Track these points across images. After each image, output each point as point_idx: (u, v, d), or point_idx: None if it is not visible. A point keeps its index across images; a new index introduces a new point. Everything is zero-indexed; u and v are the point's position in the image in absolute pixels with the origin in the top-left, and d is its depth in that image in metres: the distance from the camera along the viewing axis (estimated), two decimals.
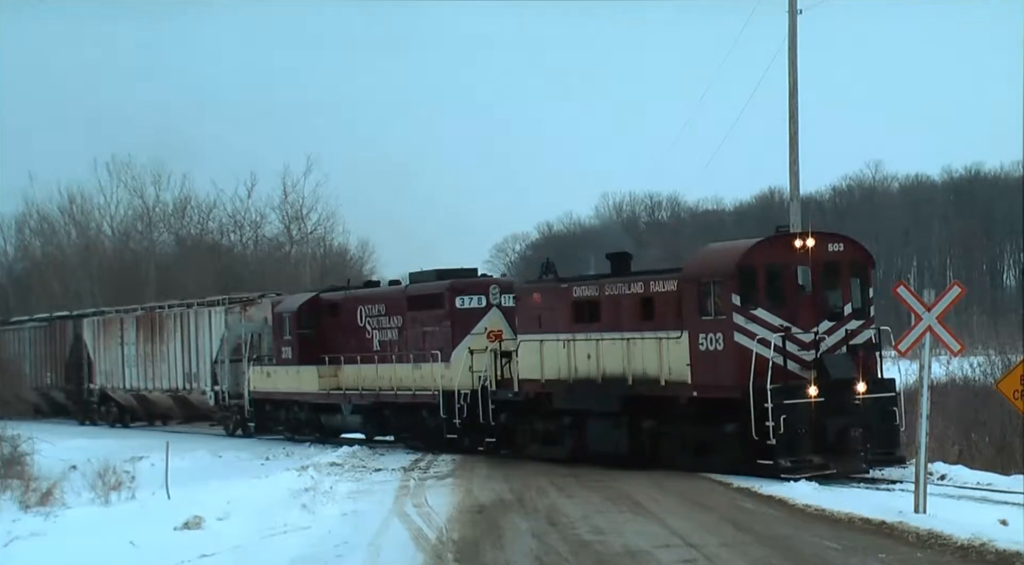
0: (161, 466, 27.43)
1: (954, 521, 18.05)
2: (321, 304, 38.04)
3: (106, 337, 52.03)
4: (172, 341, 46.67)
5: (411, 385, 33.72)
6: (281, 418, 39.94)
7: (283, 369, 38.78)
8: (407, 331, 34.48)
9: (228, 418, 43.64)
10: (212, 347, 44.11)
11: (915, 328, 19.71)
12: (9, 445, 30.20)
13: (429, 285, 34.12)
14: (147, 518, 22.52)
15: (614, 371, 27.10)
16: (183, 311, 46.75)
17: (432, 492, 25.04)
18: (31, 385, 57.38)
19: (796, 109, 36.13)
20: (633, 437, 26.70)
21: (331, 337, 37.27)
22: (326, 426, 38.23)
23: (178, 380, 46.32)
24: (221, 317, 43.74)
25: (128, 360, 49.86)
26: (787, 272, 24.64)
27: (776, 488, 22.58)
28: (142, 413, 51.42)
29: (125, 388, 50.45)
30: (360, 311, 36.30)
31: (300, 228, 75.90)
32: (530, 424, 29.81)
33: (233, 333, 42.91)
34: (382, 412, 35.39)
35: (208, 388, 44.12)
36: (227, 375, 42.85)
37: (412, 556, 17.99)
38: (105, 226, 79.46)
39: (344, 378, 36.57)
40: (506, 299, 32.55)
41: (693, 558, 16.72)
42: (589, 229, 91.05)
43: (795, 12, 36.16)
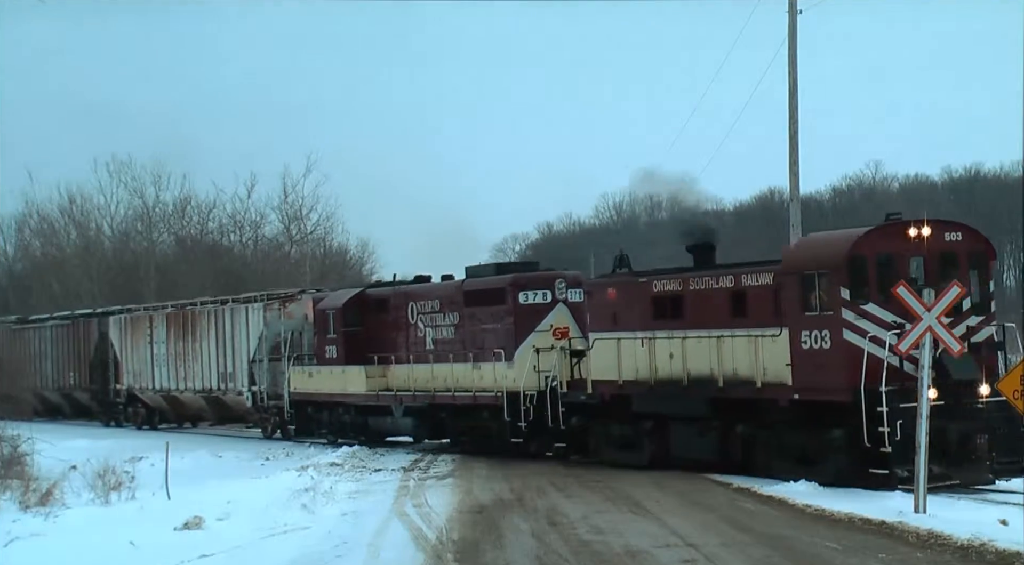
0: (161, 466, 27.43)
1: (954, 521, 18.06)
2: (368, 300, 36.24)
3: (134, 335, 49.87)
4: (206, 340, 44.56)
5: (470, 386, 31.79)
6: (323, 420, 37.97)
7: (327, 369, 36.94)
8: (464, 329, 32.61)
9: (266, 420, 41.58)
10: (249, 346, 41.94)
11: (915, 328, 19.72)
12: (9, 445, 30.18)
13: (489, 280, 32.26)
14: (147, 518, 22.53)
15: (701, 372, 25.31)
16: (217, 308, 44.47)
17: (432, 492, 25.04)
18: (52, 385, 55.88)
19: (796, 109, 36.14)
20: (723, 443, 24.98)
21: (379, 335, 35.43)
22: (373, 429, 36.30)
23: (212, 380, 44.20)
24: (259, 314, 41.55)
25: (158, 359, 47.73)
26: (900, 263, 22.36)
27: (776, 488, 22.59)
28: (171, 415, 49.29)
29: (154, 389, 48.34)
30: (411, 308, 34.41)
31: (300, 228, 75.91)
32: (605, 428, 28.00)
33: (272, 331, 40.86)
34: (437, 414, 33.53)
35: (245, 389, 42.04)
36: (265, 375, 40.87)
37: (412, 556, 17.99)
38: (105, 226, 79.50)
39: (394, 378, 34.75)
40: (572, 294, 30.82)
41: (693, 558, 16.72)
42: (589, 229, 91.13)
43: (795, 12, 36.18)
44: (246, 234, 78.41)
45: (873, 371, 21.47)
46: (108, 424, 51.92)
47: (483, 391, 31.23)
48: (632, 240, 71.41)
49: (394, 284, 36.51)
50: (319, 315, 37.34)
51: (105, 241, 79.22)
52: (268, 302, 41.55)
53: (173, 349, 46.53)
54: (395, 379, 34.64)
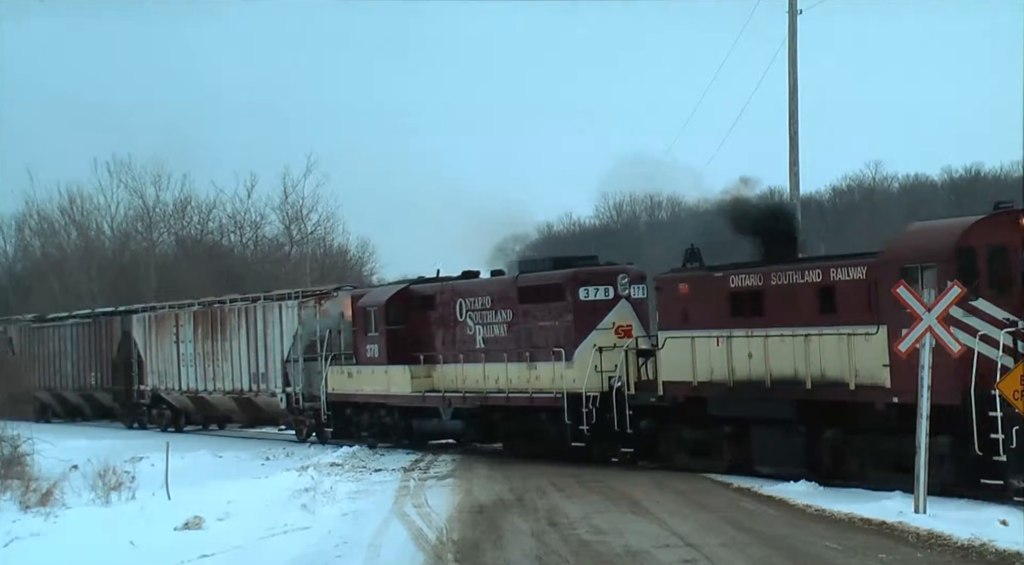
0: (161, 466, 27.43)
1: (954, 521, 18.08)
2: (412, 297, 34.40)
3: (159, 334, 47.84)
4: (236, 338, 42.47)
5: (526, 387, 29.97)
6: (363, 423, 36.09)
7: (368, 369, 35.14)
8: (519, 326, 30.71)
9: (301, 423, 39.57)
10: (283, 345, 39.97)
11: (915, 328, 19.71)
12: (9, 445, 30.19)
13: (546, 275, 30.23)
14: (147, 518, 22.54)
15: (785, 372, 23.62)
16: (249, 306, 42.38)
17: (432, 492, 25.05)
18: (73, 386, 54.42)
19: (796, 109, 36.19)
20: (810, 449, 23.27)
21: (424, 334, 33.72)
22: (417, 431, 34.55)
23: (243, 381, 42.13)
24: (294, 312, 39.54)
25: (184, 359, 45.74)
26: (1012, 256, 20.74)
27: (776, 488, 22.60)
28: (198, 416, 47.55)
29: (180, 389, 46.37)
30: (459, 304, 32.54)
31: (300, 228, 75.98)
32: (677, 432, 26.31)
33: (307, 330, 38.90)
34: (488, 417, 31.69)
35: (279, 390, 39.96)
36: (300, 376, 38.92)
37: (412, 556, 18.00)
38: (105, 226, 79.59)
39: (441, 379, 32.97)
40: (636, 290, 29.16)
41: (693, 558, 16.72)
42: (588, 229, 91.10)
43: (795, 12, 36.21)
44: (246, 234, 78.53)
45: (984, 373, 19.89)
46: (131, 426, 50.24)
47: (540, 392, 29.55)
48: (632, 240, 71.40)
49: (440, 280, 34.53)
50: (359, 312, 35.61)
51: (105, 241, 79.29)
52: (303, 299, 39.65)
53: (201, 348, 44.69)
54: (442, 379, 33.01)
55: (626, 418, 27.20)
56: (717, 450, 25.36)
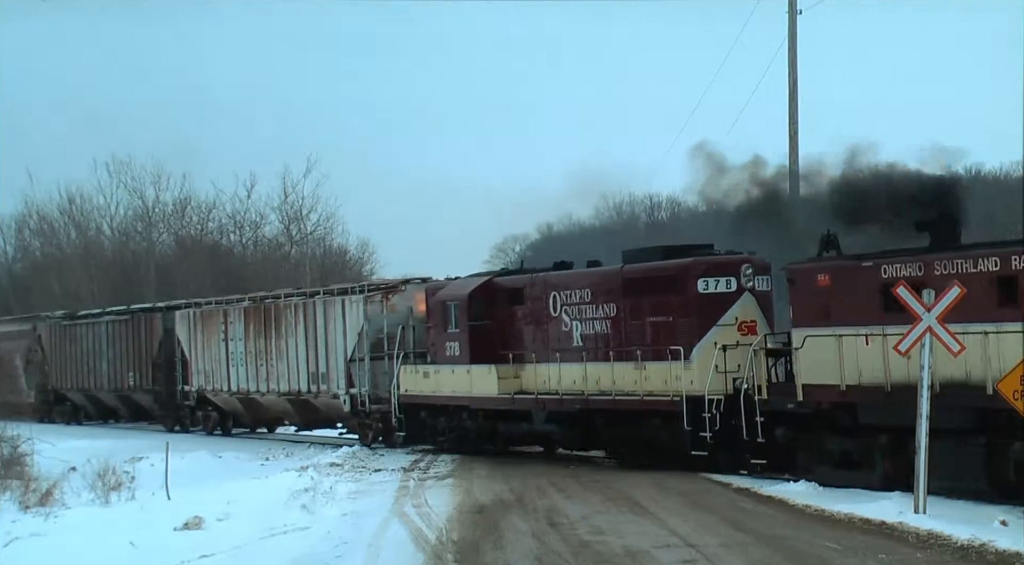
0: (161, 466, 27.46)
1: (954, 521, 18.06)
2: (497, 290, 31.58)
3: (205, 332, 44.87)
4: (293, 336, 39.68)
5: (634, 389, 27.05)
6: (440, 426, 33.25)
7: (447, 368, 32.34)
8: (625, 322, 27.81)
9: (366, 426, 36.65)
10: (347, 343, 37.04)
11: (915, 328, 19.70)
12: (9, 445, 30.22)
13: (658, 265, 27.38)
14: (147, 518, 22.57)
15: (954, 375, 20.55)
16: (307, 301, 39.53)
17: (432, 492, 25.05)
18: (109, 386, 51.38)
19: (796, 109, 36.27)
20: (990, 464, 20.17)
21: (511, 330, 30.94)
22: (504, 436, 31.76)
23: (300, 381, 39.32)
24: (359, 307, 36.62)
25: (234, 358, 42.84)
26: None
27: (776, 488, 22.61)
28: (247, 419, 44.85)
29: (229, 390, 43.43)
30: (553, 298, 29.64)
31: (300, 228, 76.01)
32: (820, 442, 23.17)
33: (373, 326, 36.04)
34: (590, 421, 28.60)
35: (342, 391, 37.08)
36: (367, 376, 36.14)
37: (412, 556, 18.00)
38: (105, 226, 79.65)
39: (531, 379, 30.06)
40: (760, 281, 26.38)
41: (693, 558, 16.72)
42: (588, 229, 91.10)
43: (795, 12, 36.28)
44: (246, 234, 78.56)
45: None
46: (172, 429, 47.26)
47: (652, 395, 26.68)
48: (632, 240, 71.37)
49: (528, 271, 31.73)
50: (437, 307, 32.84)
51: (105, 241, 79.34)
52: (369, 294, 36.71)
53: (253, 347, 41.78)
54: (533, 380, 30.05)
55: (756, 425, 24.19)
56: (869, 462, 22.36)
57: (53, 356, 55.25)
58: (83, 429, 50.97)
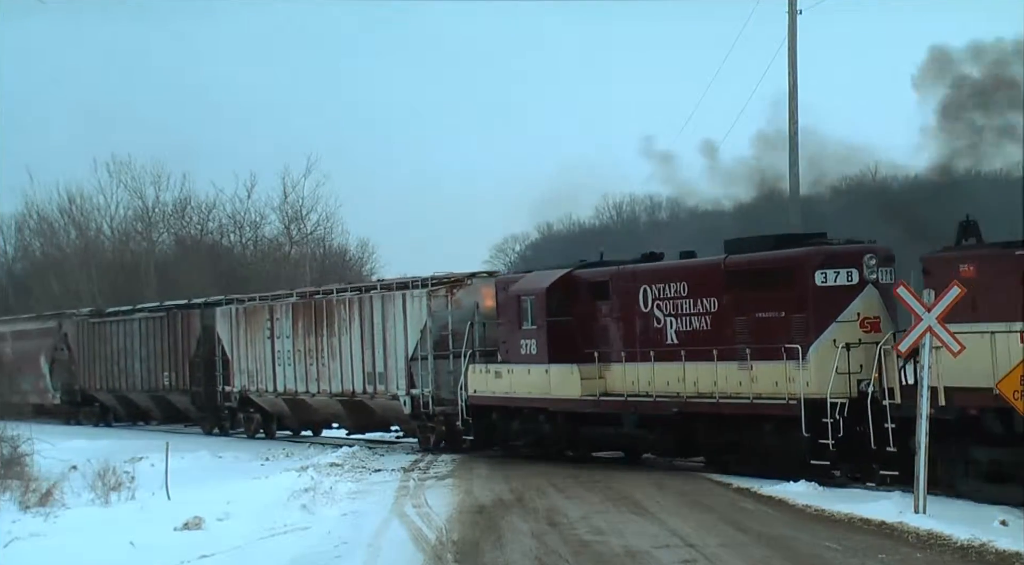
0: (161, 466, 27.46)
1: (954, 521, 18.06)
2: (579, 283, 29.14)
3: (249, 329, 42.14)
4: (346, 334, 37.16)
5: (739, 391, 24.89)
6: (513, 430, 30.91)
7: (522, 368, 29.89)
8: (728, 318, 25.47)
9: (428, 429, 34.30)
10: (407, 341, 34.61)
11: (915, 328, 19.70)
12: (9, 445, 30.22)
13: (769, 255, 25.03)
14: (147, 518, 22.56)
15: None
16: (362, 297, 36.96)
17: (432, 492, 25.05)
18: (142, 387, 49.00)
19: (796, 109, 36.26)
20: None
21: (594, 326, 28.57)
22: (586, 441, 29.40)
23: (355, 382, 36.80)
24: (422, 302, 34.23)
25: (281, 357, 40.25)
26: None
27: (776, 488, 22.59)
28: (293, 421, 42.27)
29: (275, 391, 40.78)
30: (643, 292, 27.20)
31: (300, 228, 76.05)
32: (965, 452, 20.72)
33: (437, 323, 33.74)
34: (689, 426, 26.25)
35: (402, 392, 34.73)
36: (429, 376, 33.78)
37: (412, 556, 18.00)
38: (105, 226, 79.70)
39: (618, 380, 27.73)
40: (884, 274, 23.86)
41: (693, 558, 16.72)
42: (589, 229, 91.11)
43: (795, 12, 36.28)
44: (246, 234, 78.62)
45: None
46: (210, 432, 45.22)
47: (762, 398, 24.43)
48: (633, 240, 71.38)
49: (613, 263, 29.27)
50: (510, 301, 30.45)
51: (105, 241, 79.40)
52: (432, 288, 34.27)
53: (302, 345, 39.22)
54: (620, 381, 27.70)
55: (888, 432, 21.74)
56: None
57: (81, 355, 52.96)
58: (87, 430, 50.40)
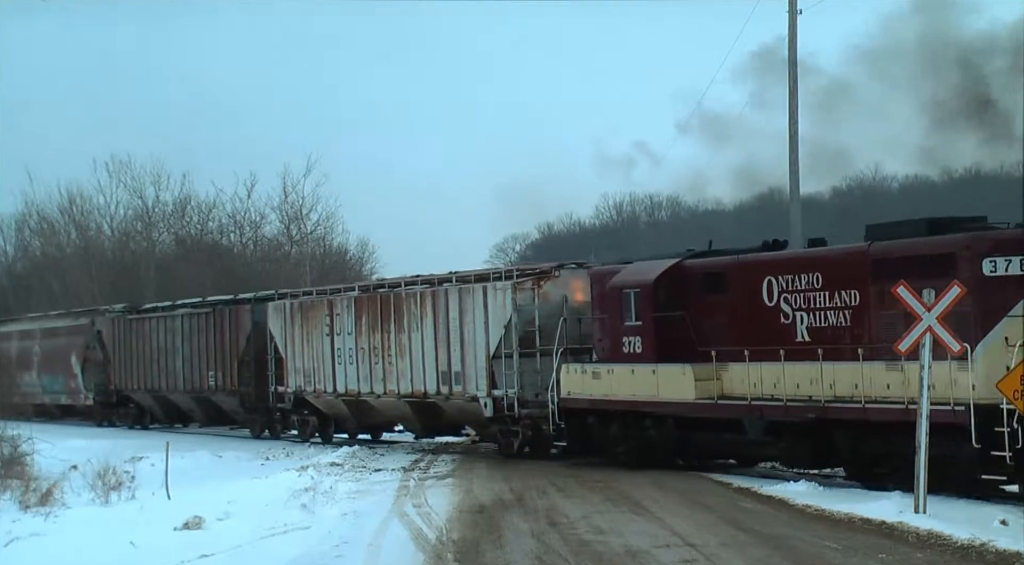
0: (161, 466, 27.47)
1: (954, 521, 18.05)
2: (689, 275, 26.50)
3: (305, 325, 39.24)
4: (418, 330, 34.35)
5: (887, 395, 22.00)
6: (612, 436, 27.92)
7: (624, 368, 27.16)
8: (872, 313, 22.70)
9: (512, 433, 31.51)
10: (489, 338, 31.92)
11: (915, 328, 19.69)
12: (9, 445, 30.24)
13: (923, 242, 22.22)
14: (147, 518, 22.57)
15: None
16: (436, 290, 34.06)
17: (432, 492, 25.05)
18: (185, 387, 46.21)
19: (796, 109, 36.24)
20: None
21: (709, 322, 25.88)
22: (699, 448, 26.74)
23: (428, 382, 33.93)
24: (506, 296, 31.55)
25: (341, 356, 37.36)
26: None
27: (776, 488, 22.60)
28: (353, 425, 39.22)
29: (335, 392, 37.90)
30: (768, 284, 24.48)
31: (300, 228, 76.09)
32: None
33: (523, 318, 31.10)
34: (826, 433, 23.22)
35: (483, 394, 31.96)
36: (515, 376, 31.14)
37: (412, 556, 17.99)
38: (105, 226, 79.78)
39: (736, 382, 25.00)
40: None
41: (693, 558, 16.72)
42: (589, 229, 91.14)
43: (795, 12, 36.27)
44: (246, 234, 78.66)
45: None
46: (259, 435, 42.80)
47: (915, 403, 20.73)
48: (632, 240, 71.45)
49: (728, 252, 26.74)
50: (610, 295, 27.78)
51: (105, 241, 79.47)
52: (519, 281, 31.60)
53: (366, 342, 36.30)
54: (739, 382, 24.94)
55: None
56: None
57: (116, 354, 50.33)
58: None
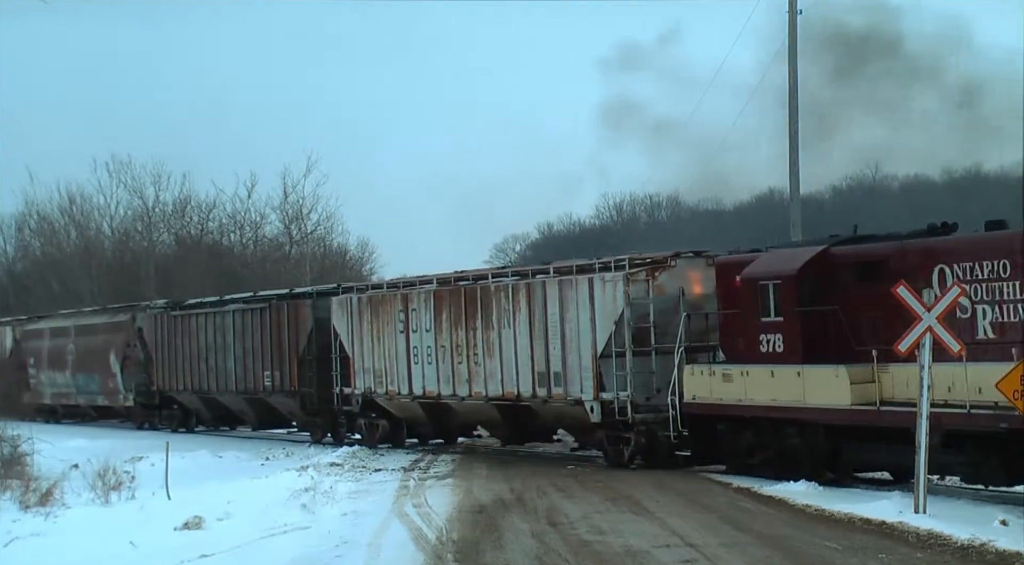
0: (161, 466, 27.45)
1: (954, 521, 18.07)
2: (839, 263, 23.59)
3: (375, 322, 35.87)
4: (510, 326, 31.20)
5: None
6: (744, 445, 25.09)
7: (761, 370, 24.23)
8: None
9: (622, 440, 28.32)
10: (596, 334, 28.76)
11: (915, 328, 19.70)
12: (9, 445, 30.23)
13: None
14: (147, 518, 22.56)
15: None
16: (532, 282, 30.83)
17: (432, 492, 25.05)
18: (237, 388, 42.44)
19: (796, 109, 36.28)
20: None
21: (864, 317, 22.91)
22: (853, 461, 23.50)
23: (521, 383, 30.80)
24: (617, 288, 28.34)
25: (418, 355, 34.19)
26: None
27: (776, 488, 22.60)
28: (429, 429, 35.91)
29: (411, 394, 34.57)
30: (939, 273, 21.62)
31: (300, 228, 76.03)
32: None
33: (636, 313, 28.04)
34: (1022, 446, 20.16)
35: (589, 396, 28.75)
36: (628, 377, 27.95)
37: (412, 556, 18.00)
38: (105, 226, 79.70)
39: (901, 384, 21.80)
40: None
41: (693, 558, 16.72)
42: (589, 229, 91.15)
43: (795, 12, 36.29)
44: (246, 234, 78.58)
45: None
46: (321, 440, 39.11)
47: None
48: (633, 240, 71.46)
49: (885, 238, 23.95)
50: (743, 287, 24.96)
51: (105, 241, 79.41)
52: (631, 271, 28.36)
53: (447, 340, 33.16)
54: (906, 385, 21.49)
55: None
56: None
57: (159, 352, 46.97)
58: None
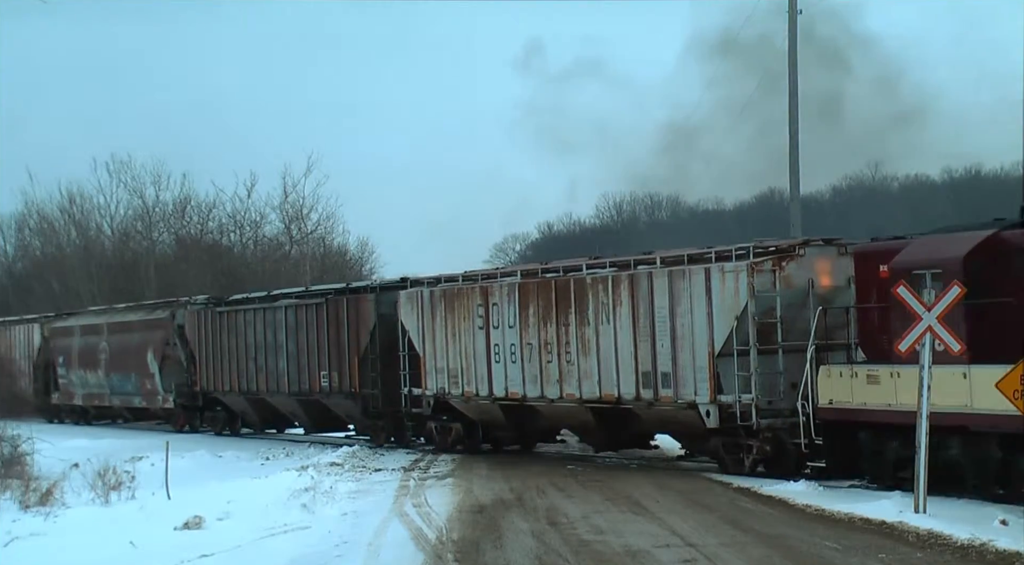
0: (161, 466, 27.46)
1: (954, 521, 18.06)
2: (1012, 250, 20.56)
3: (450, 317, 33.15)
4: (609, 322, 28.51)
5: None
6: (890, 456, 22.04)
7: (915, 371, 20.10)
8: None
9: (744, 448, 25.70)
10: (713, 331, 26.13)
11: (915, 328, 19.69)
12: (9, 445, 30.25)
13: None
14: (147, 518, 22.57)
15: None
16: (635, 274, 28.09)
17: (432, 492, 25.04)
18: (290, 389, 39.67)
19: (796, 109, 36.29)
20: None
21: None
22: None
23: (622, 384, 28.14)
24: (739, 280, 25.74)
25: (501, 353, 31.43)
26: None
27: (776, 488, 22.61)
28: (509, 434, 33.24)
29: (491, 395, 31.82)
30: None
31: (300, 228, 76.02)
32: None
33: (761, 307, 25.47)
34: None
35: (704, 399, 26.24)
36: (752, 378, 25.34)
37: (412, 556, 18.00)
38: (105, 226, 79.69)
39: None
40: None
41: (693, 558, 16.72)
42: (589, 229, 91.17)
43: (795, 12, 36.31)
44: (246, 234, 78.56)
45: None
46: (384, 444, 36.41)
47: None
48: (633, 240, 71.50)
49: None
50: (891, 278, 21.57)
51: (105, 241, 79.39)
52: (755, 260, 25.74)
53: (535, 337, 30.44)
54: None
55: None
56: None
57: (201, 351, 44.38)
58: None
